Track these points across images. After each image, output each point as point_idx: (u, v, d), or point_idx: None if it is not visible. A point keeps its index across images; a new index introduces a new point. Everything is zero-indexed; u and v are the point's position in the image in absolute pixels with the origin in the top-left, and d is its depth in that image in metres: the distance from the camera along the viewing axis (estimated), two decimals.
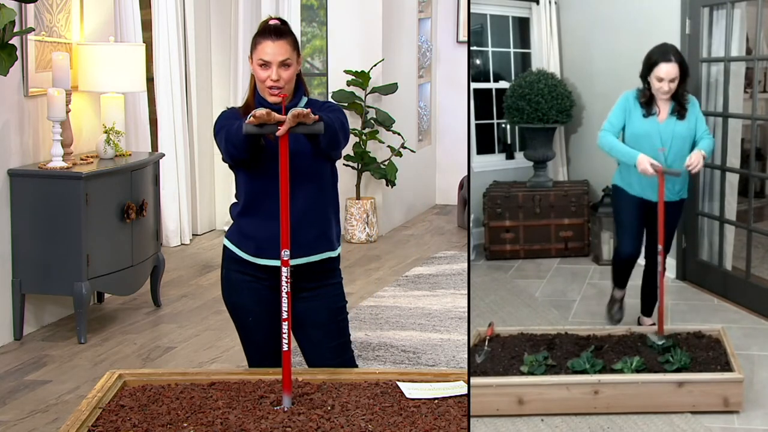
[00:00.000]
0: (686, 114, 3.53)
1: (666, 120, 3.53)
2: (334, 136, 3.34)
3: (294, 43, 3.43)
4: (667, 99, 3.52)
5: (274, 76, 3.38)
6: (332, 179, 3.53)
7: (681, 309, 3.71)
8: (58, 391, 4.97)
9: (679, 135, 3.53)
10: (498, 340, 3.53)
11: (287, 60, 3.39)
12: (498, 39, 3.93)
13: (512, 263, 3.88)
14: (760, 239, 3.57)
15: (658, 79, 3.48)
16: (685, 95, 3.52)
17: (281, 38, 3.39)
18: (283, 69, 3.39)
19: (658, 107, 3.54)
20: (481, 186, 3.94)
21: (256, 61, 3.40)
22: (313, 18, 9.24)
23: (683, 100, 3.52)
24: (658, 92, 3.51)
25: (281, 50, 3.38)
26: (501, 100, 3.89)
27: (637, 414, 3.30)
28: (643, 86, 3.53)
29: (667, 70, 3.46)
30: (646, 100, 3.54)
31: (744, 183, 3.62)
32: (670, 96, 3.51)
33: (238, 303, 3.57)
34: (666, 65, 3.46)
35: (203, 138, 8.28)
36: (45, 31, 5.91)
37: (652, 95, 3.53)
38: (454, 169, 9.83)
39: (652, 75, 3.48)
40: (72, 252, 5.58)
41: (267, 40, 3.39)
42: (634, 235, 3.71)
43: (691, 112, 3.54)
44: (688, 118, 3.53)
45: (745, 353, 3.45)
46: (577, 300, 3.84)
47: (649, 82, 3.51)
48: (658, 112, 3.54)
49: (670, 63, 3.46)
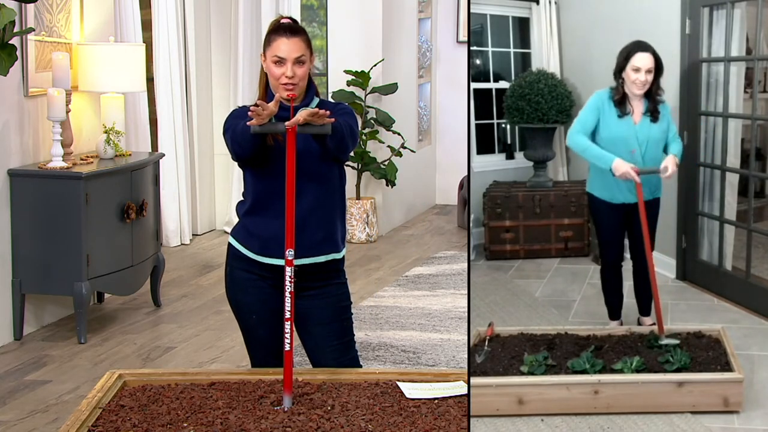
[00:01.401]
0: (659, 116, 3.50)
1: (640, 121, 3.51)
2: (342, 140, 3.37)
3: (308, 41, 3.45)
4: (641, 96, 3.48)
5: (289, 72, 3.39)
6: (340, 181, 3.54)
7: (681, 309, 3.71)
8: (58, 391, 4.97)
9: (653, 138, 3.51)
10: (498, 340, 3.53)
11: (302, 57, 3.41)
12: (498, 39, 3.93)
13: (512, 263, 3.88)
14: (760, 239, 3.57)
15: (635, 69, 3.44)
16: (660, 94, 3.49)
17: (296, 35, 3.41)
18: (297, 66, 3.40)
19: (632, 107, 3.50)
20: (481, 186, 3.94)
21: (271, 58, 3.41)
22: (313, 18, 9.24)
23: (657, 99, 3.48)
24: (633, 87, 3.46)
25: (296, 47, 3.40)
26: (501, 100, 3.89)
27: (637, 414, 3.30)
28: (617, 83, 3.50)
29: (643, 59, 3.43)
30: (619, 98, 3.49)
31: (744, 183, 3.62)
32: (644, 92, 3.47)
33: (242, 301, 3.57)
34: (642, 54, 3.43)
35: (203, 138, 8.28)
36: (45, 31, 5.91)
37: (625, 93, 3.49)
38: (454, 169, 9.83)
39: (628, 66, 3.45)
40: (72, 252, 5.58)
41: (282, 37, 3.41)
42: (616, 242, 3.71)
43: (663, 114, 3.51)
44: (661, 121, 3.50)
45: (745, 353, 3.44)
46: (577, 300, 3.84)
47: (623, 79, 3.47)
48: (632, 112, 3.51)
49: (646, 52, 3.43)
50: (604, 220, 3.72)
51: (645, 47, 3.44)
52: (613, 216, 3.65)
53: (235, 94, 8.30)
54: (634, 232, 3.66)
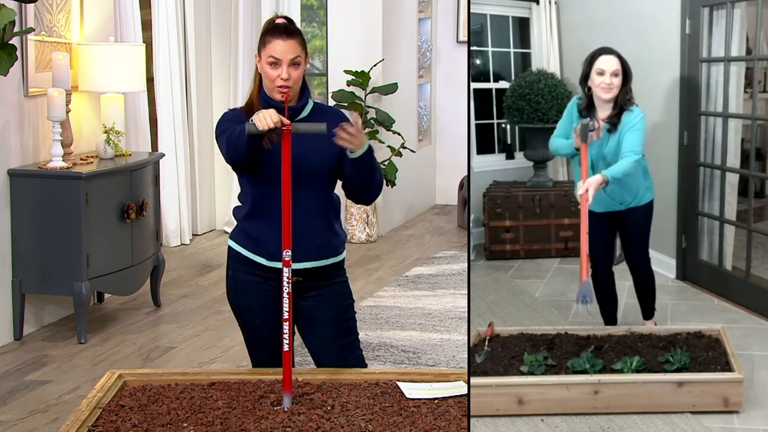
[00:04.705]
0: (618, 126, 3.32)
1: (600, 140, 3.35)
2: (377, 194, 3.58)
3: (303, 43, 3.43)
4: (608, 103, 3.34)
5: (284, 74, 3.37)
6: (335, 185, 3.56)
7: (681, 309, 3.71)
8: (58, 391, 4.97)
9: (607, 157, 3.37)
10: (498, 340, 3.53)
11: (297, 58, 3.38)
12: (498, 39, 3.92)
13: (512, 263, 3.87)
14: (760, 239, 3.57)
15: (599, 72, 3.31)
16: (628, 101, 3.32)
17: (291, 37, 3.39)
18: (293, 68, 3.38)
19: (597, 121, 3.34)
20: (481, 186, 3.93)
21: (266, 59, 3.39)
22: (313, 18, 9.24)
23: (623, 107, 3.31)
24: (599, 92, 3.33)
25: (291, 48, 3.37)
26: (501, 100, 3.89)
27: (637, 414, 3.30)
28: (583, 91, 3.38)
29: (607, 61, 3.30)
30: (585, 106, 3.37)
31: (744, 183, 3.62)
32: (612, 98, 3.32)
33: (243, 304, 3.56)
34: (606, 56, 3.30)
35: (203, 138, 8.28)
36: (45, 31, 5.91)
37: (591, 102, 3.37)
38: (454, 169, 9.83)
39: (593, 71, 3.33)
40: (72, 252, 5.58)
41: (277, 38, 3.38)
42: (603, 250, 3.67)
43: (624, 123, 3.33)
44: (620, 131, 3.33)
45: (745, 353, 3.44)
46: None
47: (589, 87, 3.35)
48: (596, 127, 3.33)
49: (610, 54, 3.31)
50: (589, 226, 3.69)
51: (609, 51, 3.32)
52: (598, 223, 3.58)
53: (235, 94, 8.30)
54: (625, 237, 3.65)
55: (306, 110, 3.50)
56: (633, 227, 3.59)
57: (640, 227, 3.59)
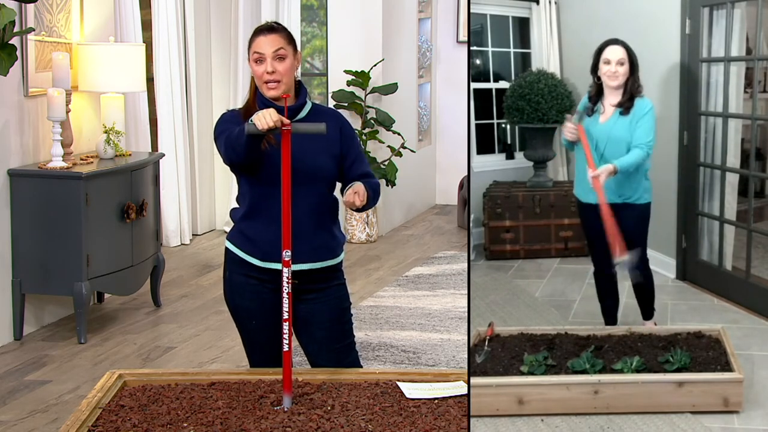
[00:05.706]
0: (631, 110, 3.47)
1: (607, 121, 3.50)
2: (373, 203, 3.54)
3: (288, 37, 3.46)
4: (617, 89, 3.47)
5: (269, 68, 3.40)
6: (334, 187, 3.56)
7: (681, 309, 3.71)
8: (58, 391, 4.97)
9: (614, 136, 3.49)
10: (498, 340, 3.53)
11: (280, 50, 3.41)
12: (498, 39, 3.92)
13: (512, 263, 3.87)
14: (760, 239, 3.57)
15: (606, 61, 3.45)
16: (638, 89, 3.46)
17: (273, 32, 3.44)
18: (277, 61, 3.41)
19: (604, 107, 3.49)
20: (481, 186, 3.93)
21: (252, 57, 3.44)
22: (313, 18, 9.24)
23: (635, 93, 3.46)
24: (607, 80, 3.46)
25: (274, 42, 3.41)
26: (501, 100, 3.89)
27: (637, 414, 3.30)
28: (593, 80, 3.51)
29: (613, 51, 3.44)
30: (593, 95, 3.51)
31: (744, 183, 3.61)
32: (619, 86, 3.45)
33: (241, 306, 3.56)
34: (613, 46, 3.45)
35: (203, 138, 8.28)
36: (45, 31, 5.91)
37: (601, 91, 3.50)
38: (454, 169, 9.84)
39: (601, 61, 3.47)
40: (72, 252, 5.58)
41: (260, 36, 3.45)
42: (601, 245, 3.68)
43: (636, 113, 3.47)
44: (631, 116, 3.47)
45: (745, 353, 3.44)
46: (577, 300, 3.83)
47: (599, 77, 3.49)
48: (603, 111, 3.50)
49: (617, 45, 3.45)
50: (586, 222, 3.70)
51: (616, 41, 3.47)
52: (597, 221, 3.60)
53: (235, 94, 8.30)
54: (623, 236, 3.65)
55: (304, 111, 3.51)
56: (630, 225, 3.59)
57: (636, 227, 3.60)
